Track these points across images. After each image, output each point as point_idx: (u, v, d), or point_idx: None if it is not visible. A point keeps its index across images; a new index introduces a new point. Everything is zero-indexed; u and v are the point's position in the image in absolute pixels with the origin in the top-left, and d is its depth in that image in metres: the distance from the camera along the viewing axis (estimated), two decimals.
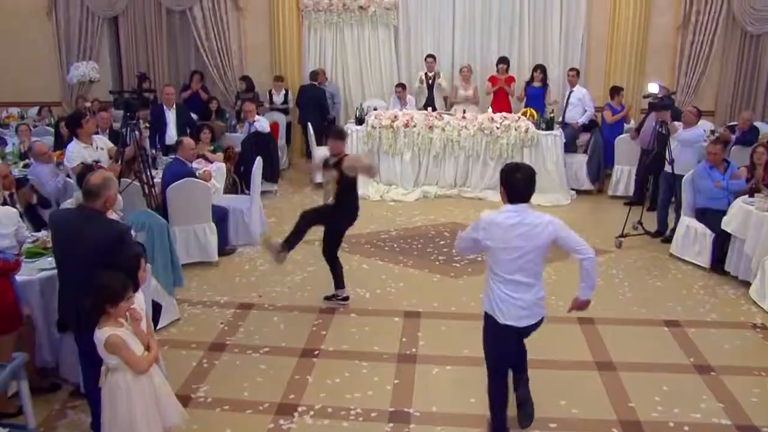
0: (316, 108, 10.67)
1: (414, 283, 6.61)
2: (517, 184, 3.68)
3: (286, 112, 11.06)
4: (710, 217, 6.75)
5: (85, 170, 5.11)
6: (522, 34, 10.86)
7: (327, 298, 6.08)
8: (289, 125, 11.18)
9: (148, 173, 6.36)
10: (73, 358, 4.31)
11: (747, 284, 6.27)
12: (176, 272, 5.74)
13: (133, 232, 4.19)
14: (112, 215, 4.16)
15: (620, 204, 8.95)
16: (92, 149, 6.20)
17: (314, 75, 10.79)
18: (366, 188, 9.39)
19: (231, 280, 6.68)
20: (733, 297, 6.24)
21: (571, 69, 10.02)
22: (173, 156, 7.26)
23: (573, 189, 9.56)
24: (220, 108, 10.71)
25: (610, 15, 10.60)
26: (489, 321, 3.84)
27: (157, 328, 5.17)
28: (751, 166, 6.90)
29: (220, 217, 7.19)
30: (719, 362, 4.99)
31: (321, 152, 6.25)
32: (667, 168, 7.50)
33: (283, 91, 11.03)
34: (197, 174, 7.07)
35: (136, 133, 6.16)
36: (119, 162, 6.08)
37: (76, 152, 6.15)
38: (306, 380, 4.79)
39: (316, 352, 5.20)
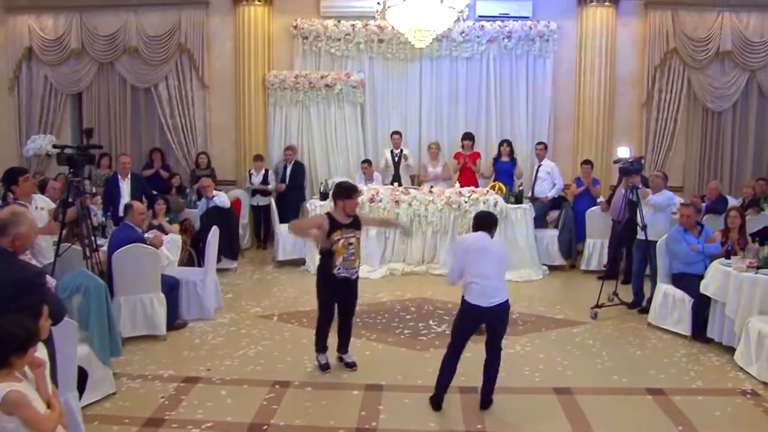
0: (301, 184, 10.55)
1: (377, 356, 6.13)
2: (477, 220, 5.15)
3: (266, 193, 10.47)
4: (688, 282, 6.48)
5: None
6: (489, 112, 10.86)
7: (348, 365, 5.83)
8: (269, 207, 10.30)
9: (91, 236, 5.90)
10: None
11: (731, 350, 5.92)
12: (114, 340, 5.20)
13: (49, 278, 3.71)
14: (33, 261, 3.70)
15: (594, 278, 8.68)
16: (31, 209, 5.75)
17: (293, 150, 10.62)
18: None
19: (178, 354, 6.12)
20: (718, 364, 5.86)
21: (539, 143, 9.97)
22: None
23: (545, 264, 9.27)
24: (182, 185, 10.39)
25: (575, 92, 10.71)
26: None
27: (84, 401, 4.63)
28: (725, 230, 6.73)
29: (170, 286, 6.69)
30: (711, 431, 4.55)
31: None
32: (640, 235, 7.28)
33: (263, 171, 10.52)
34: (147, 240, 6.64)
35: (80, 194, 5.74)
36: (58, 220, 5.63)
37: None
38: None
39: (265, 427, 4.65)
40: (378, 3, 7.61)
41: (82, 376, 4.45)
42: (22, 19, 11.32)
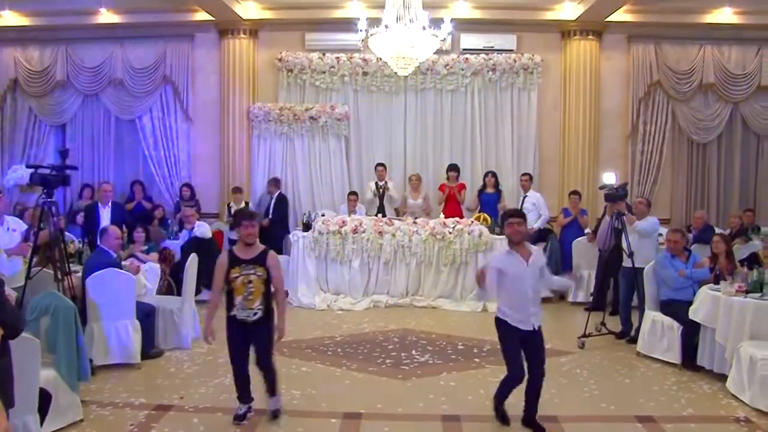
0: (285, 217, 10.42)
1: (357, 384, 5.92)
2: None
3: None
4: (676, 308, 6.33)
5: None
6: (474, 144, 10.86)
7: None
8: None
9: (64, 260, 5.72)
10: None
11: (723, 377, 5.73)
12: (82, 364, 4.98)
13: (9, 290, 3.53)
14: None
15: (582, 310, 8.53)
16: (2, 230, 5.59)
17: (277, 182, 10.52)
18: (312, 297, 8.89)
19: (152, 382, 5.89)
20: (710, 391, 5.67)
21: (524, 174, 9.93)
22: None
23: None
24: (164, 216, 10.24)
25: (560, 125, 10.76)
26: None
27: (48, 427, 4.43)
28: (713, 256, 6.62)
29: (146, 313, 6.48)
30: None
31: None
32: (627, 262, 7.16)
33: (243, 204, 10.11)
34: (123, 266, 6.46)
35: (54, 216, 5.58)
36: (30, 242, 5.46)
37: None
38: None
39: None
40: (360, 30, 7.60)
41: (45, 399, 4.23)
42: (8, 50, 11.33)
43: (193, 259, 7.25)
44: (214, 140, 11.12)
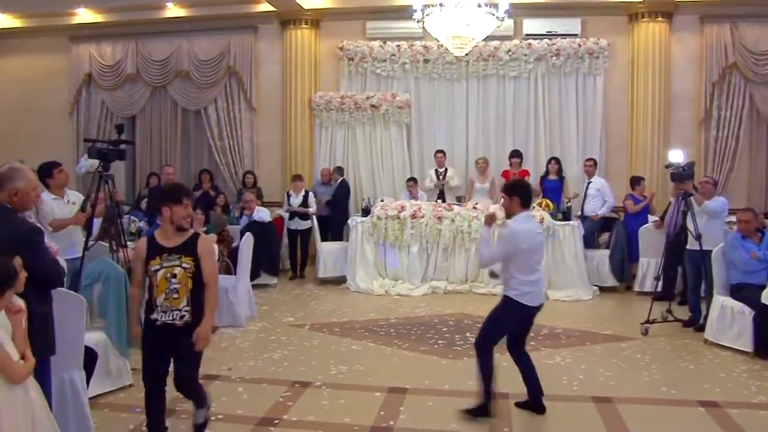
0: (347, 203, 10.41)
1: (406, 362, 5.86)
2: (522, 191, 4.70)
3: (306, 216, 9.80)
4: (747, 292, 5.92)
5: None
6: (537, 131, 10.55)
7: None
8: (307, 232, 9.89)
9: (120, 235, 5.86)
10: None
11: None
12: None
13: (51, 243, 3.61)
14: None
15: (648, 299, 8.10)
16: (63, 202, 5.78)
17: (341, 170, 10.56)
18: (370, 283, 8.83)
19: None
20: None
21: (588, 159, 9.54)
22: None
23: (595, 285, 8.74)
24: (227, 203, 10.42)
25: (628, 112, 10.31)
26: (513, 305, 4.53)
27: (98, 390, 4.59)
28: None
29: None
30: None
31: None
32: (694, 245, 6.75)
33: (303, 193, 9.93)
34: None
35: (109, 185, 5.75)
36: (86, 212, 5.63)
37: (46, 204, 5.70)
38: None
39: (276, 421, 4.44)
40: (415, 11, 7.49)
41: (91, 358, 4.33)
42: (85, 47, 11.82)
43: (248, 239, 7.33)
44: (277, 129, 11.25)
